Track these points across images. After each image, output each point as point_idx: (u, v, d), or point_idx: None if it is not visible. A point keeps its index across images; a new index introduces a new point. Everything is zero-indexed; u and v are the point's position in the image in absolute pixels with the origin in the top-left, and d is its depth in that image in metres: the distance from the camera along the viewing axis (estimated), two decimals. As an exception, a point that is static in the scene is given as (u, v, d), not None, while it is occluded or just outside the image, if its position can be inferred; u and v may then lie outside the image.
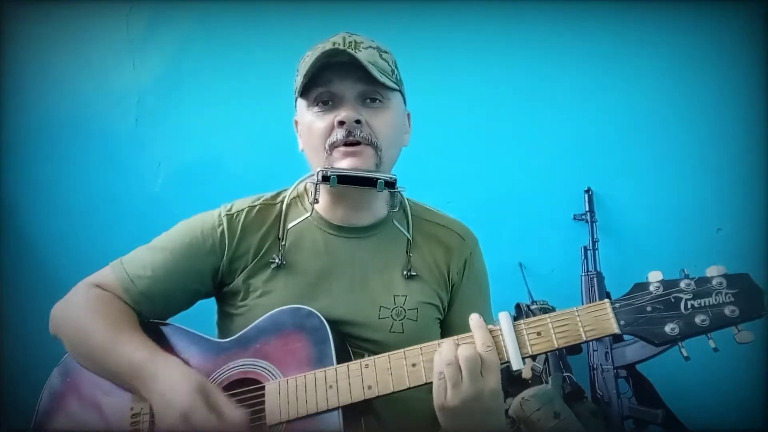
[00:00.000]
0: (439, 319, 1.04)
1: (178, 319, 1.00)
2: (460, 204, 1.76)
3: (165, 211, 2.04)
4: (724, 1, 1.80)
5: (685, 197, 1.80)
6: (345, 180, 0.91)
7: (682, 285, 0.75)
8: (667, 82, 1.84)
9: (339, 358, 0.86)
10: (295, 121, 1.03)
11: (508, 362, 0.77)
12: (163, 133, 2.15)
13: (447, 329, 1.04)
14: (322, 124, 0.93)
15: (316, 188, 0.93)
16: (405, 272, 1.00)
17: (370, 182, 0.91)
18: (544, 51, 1.93)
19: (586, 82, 1.90)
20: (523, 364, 0.77)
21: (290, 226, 0.99)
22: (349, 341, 0.94)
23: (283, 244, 0.98)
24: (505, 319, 0.79)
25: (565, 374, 1.53)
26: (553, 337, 0.77)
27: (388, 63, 0.95)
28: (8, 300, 2.10)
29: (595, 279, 1.70)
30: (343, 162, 0.91)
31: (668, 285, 0.75)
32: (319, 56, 0.89)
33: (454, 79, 1.99)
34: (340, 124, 0.91)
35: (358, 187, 0.93)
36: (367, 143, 0.92)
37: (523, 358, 0.77)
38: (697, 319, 0.73)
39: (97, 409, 0.92)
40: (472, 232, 1.09)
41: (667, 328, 0.73)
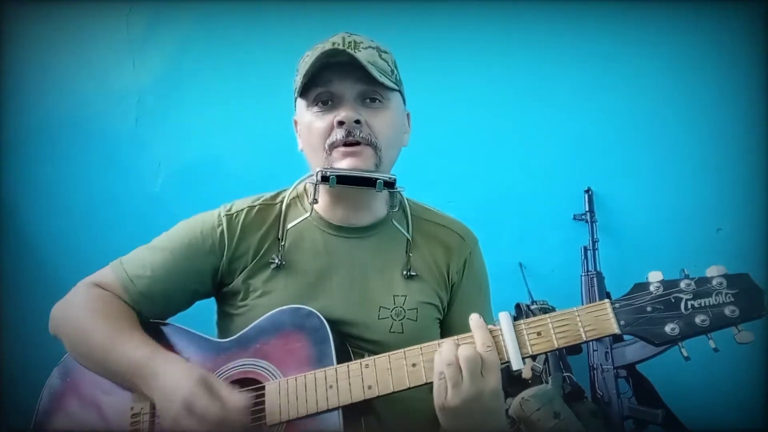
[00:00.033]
0: (439, 319, 1.04)
1: (177, 319, 1.00)
2: (460, 204, 1.76)
3: (165, 211, 2.04)
4: (724, 2, 1.80)
5: (685, 197, 1.80)
6: (344, 180, 0.91)
7: (682, 285, 0.75)
8: (667, 82, 1.84)
9: (339, 358, 0.86)
10: (295, 121, 1.03)
11: (508, 362, 0.77)
12: (163, 133, 2.15)
13: (447, 329, 1.04)
14: (322, 124, 0.93)
15: (316, 188, 0.93)
16: (405, 272, 1.00)
17: (369, 182, 0.91)
18: (545, 51, 1.93)
19: (587, 82, 1.90)
20: (523, 364, 0.77)
21: (290, 227, 0.98)
22: (349, 341, 0.94)
23: (283, 244, 0.98)
24: (505, 319, 0.79)
25: (565, 374, 1.53)
26: (553, 337, 0.77)
27: (387, 63, 0.95)
28: (8, 300, 2.10)
29: (595, 279, 1.69)
30: (343, 162, 0.91)
31: (668, 285, 0.75)
32: (319, 56, 0.89)
33: (454, 79, 1.99)
34: (340, 124, 0.91)
35: (357, 188, 0.93)
36: (367, 143, 0.92)
37: (523, 358, 0.77)
38: (697, 319, 0.73)
39: (97, 408, 0.92)
40: (472, 231, 1.09)
41: (667, 328, 0.73)
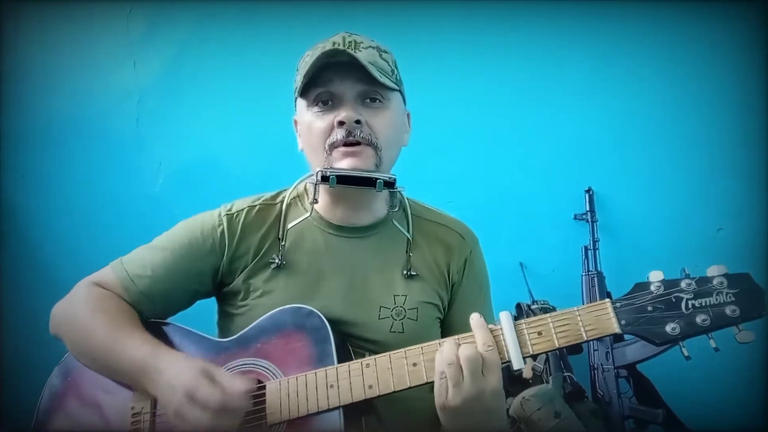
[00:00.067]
0: (440, 319, 1.04)
1: (178, 319, 1.00)
2: (460, 204, 1.76)
3: (165, 211, 2.04)
4: (723, 2, 1.80)
5: (686, 197, 1.80)
6: (344, 180, 0.91)
7: (683, 285, 0.74)
8: (667, 82, 1.84)
9: (340, 358, 0.86)
10: (295, 121, 1.03)
11: (508, 361, 0.77)
12: (164, 134, 2.16)
13: (447, 329, 1.04)
14: (322, 124, 0.93)
15: (316, 188, 0.93)
16: (405, 272, 1.00)
17: (369, 182, 0.91)
18: (545, 51, 1.92)
19: (587, 81, 1.89)
20: (524, 364, 0.77)
21: (290, 226, 0.98)
22: (350, 341, 0.94)
23: (283, 244, 0.98)
24: (505, 318, 0.79)
25: (566, 374, 1.53)
26: (554, 336, 0.77)
27: (387, 63, 0.95)
28: (8, 300, 2.10)
29: (596, 279, 1.69)
30: (343, 162, 0.91)
31: (669, 285, 0.75)
32: (319, 56, 0.89)
33: (454, 79, 1.98)
34: (340, 124, 0.91)
35: (357, 187, 0.92)
36: (367, 143, 0.92)
37: (524, 358, 0.77)
38: (698, 319, 0.73)
39: (98, 408, 0.92)
40: (472, 231, 1.09)
41: (668, 328, 0.73)
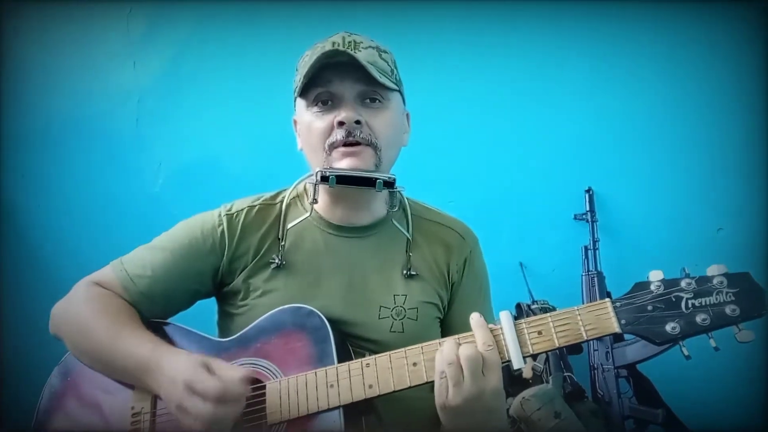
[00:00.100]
0: (439, 318, 1.04)
1: (178, 319, 1.00)
2: (461, 204, 1.76)
3: (165, 211, 2.04)
4: (723, 2, 1.80)
5: (686, 197, 1.80)
6: (344, 180, 0.91)
7: (683, 284, 0.74)
8: (667, 83, 1.84)
9: (340, 357, 0.86)
10: (294, 121, 1.03)
11: (509, 361, 0.77)
12: (164, 134, 2.16)
13: (447, 328, 1.04)
14: (322, 125, 0.93)
15: (315, 188, 0.93)
16: (405, 271, 1.00)
17: (369, 182, 0.91)
18: (545, 51, 1.92)
19: (587, 82, 1.89)
20: (524, 363, 0.77)
21: (290, 226, 0.98)
22: (350, 341, 0.94)
23: (283, 244, 0.98)
24: (506, 318, 0.79)
25: (566, 374, 1.53)
26: (554, 336, 0.77)
27: (387, 63, 0.95)
28: (8, 300, 2.10)
29: (596, 278, 1.69)
30: (343, 162, 0.91)
31: (669, 284, 0.75)
32: (319, 56, 0.89)
33: (454, 79, 1.98)
34: (340, 124, 0.91)
35: (357, 187, 0.92)
36: (367, 144, 0.92)
37: (524, 357, 0.77)
38: (698, 318, 0.73)
39: (98, 408, 0.92)
40: (472, 231, 1.09)
41: (668, 327, 0.73)
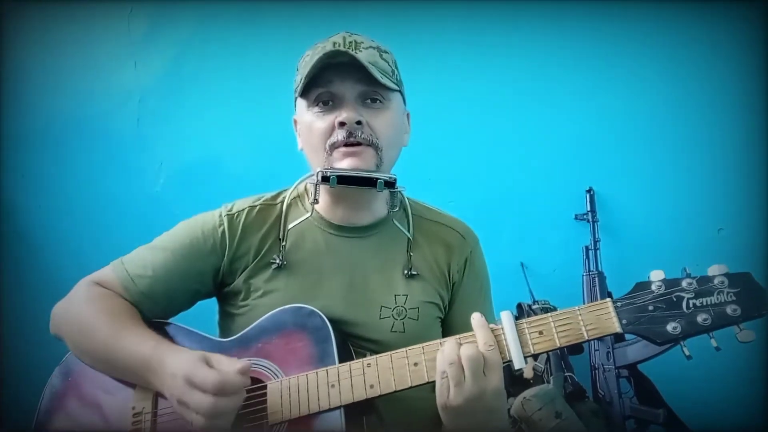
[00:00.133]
0: (440, 318, 1.04)
1: (178, 319, 1.00)
2: (461, 204, 1.76)
3: (166, 211, 2.04)
4: (723, 3, 1.80)
5: (687, 197, 1.80)
6: (345, 180, 0.91)
7: (684, 284, 0.74)
8: (669, 83, 1.84)
9: (341, 357, 0.86)
10: (294, 120, 1.03)
11: (510, 361, 0.77)
12: (165, 134, 2.15)
13: (448, 328, 1.04)
14: (323, 125, 0.93)
15: (316, 188, 0.93)
16: (405, 271, 1.00)
17: (369, 182, 0.91)
18: (546, 51, 1.92)
19: (588, 82, 1.89)
20: (525, 363, 0.77)
21: (291, 227, 0.98)
22: (351, 341, 0.94)
23: (284, 244, 0.98)
24: (507, 318, 0.79)
25: (567, 374, 1.53)
26: (555, 336, 0.77)
27: (388, 63, 0.95)
28: (9, 300, 2.10)
29: (597, 279, 1.69)
30: (344, 162, 0.91)
31: (670, 284, 0.75)
32: (320, 57, 0.89)
33: (454, 79, 1.98)
34: (341, 125, 0.91)
35: (358, 188, 0.92)
36: (368, 144, 0.92)
37: (525, 357, 0.77)
38: (699, 318, 0.73)
39: (99, 408, 0.92)
40: (473, 230, 1.09)
41: (669, 327, 0.73)
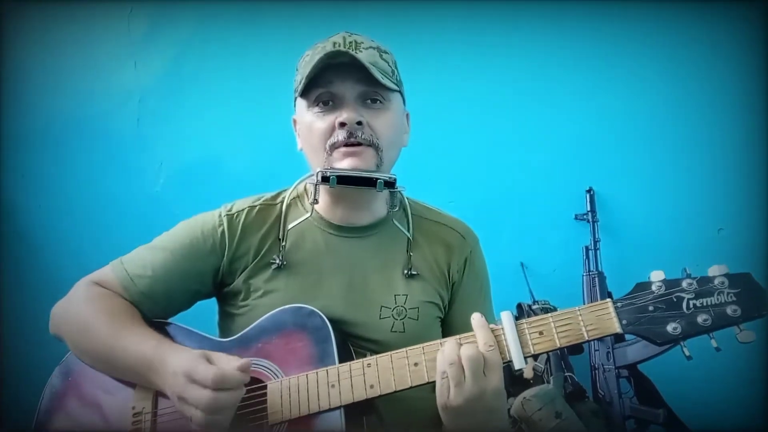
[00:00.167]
0: (440, 318, 1.04)
1: (178, 319, 1.00)
2: (461, 204, 1.76)
3: (166, 211, 2.04)
4: (724, 3, 1.80)
5: (687, 197, 1.80)
6: (344, 180, 0.91)
7: (684, 284, 0.74)
8: (669, 82, 1.84)
9: (341, 357, 0.86)
10: (294, 120, 1.03)
11: (510, 361, 0.77)
12: (165, 134, 2.15)
13: (448, 328, 1.04)
14: (323, 125, 0.93)
15: (316, 189, 0.93)
16: (405, 271, 1.00)
17: (369, 182, 0.91)
18: (546, 51, 1.92)
19: (588, 82, 1.89)
20: (525, 364, 0.77)
21: (290, 227, 0.98)
22: (351, 341, 0.94)
23: (284, 244, 0.98)
24: (507, 318, 0.79)
25: (567, 374, 1.53)
26: (555, 336, 0.77)
27: (388, 63, 0.95)
28: (9, 300, 2.10)
29: (597, 279, 1.69)
30: (344, 162, 0.91)
31: (670, 284, 0.75)
32: (321, 57, 0.89)
33: (454, 79, 1.98)
34: (342, 125, 0.91)
35: (357, 188, 0.92)
36: (368, 144, 0.92)
37: (525, 358, 0.77)
38: (699, 319, 0.73)
39: (99, 408, 0.92)
40: (473, 230, 1.09)
41: (669, 328, 0.73)
